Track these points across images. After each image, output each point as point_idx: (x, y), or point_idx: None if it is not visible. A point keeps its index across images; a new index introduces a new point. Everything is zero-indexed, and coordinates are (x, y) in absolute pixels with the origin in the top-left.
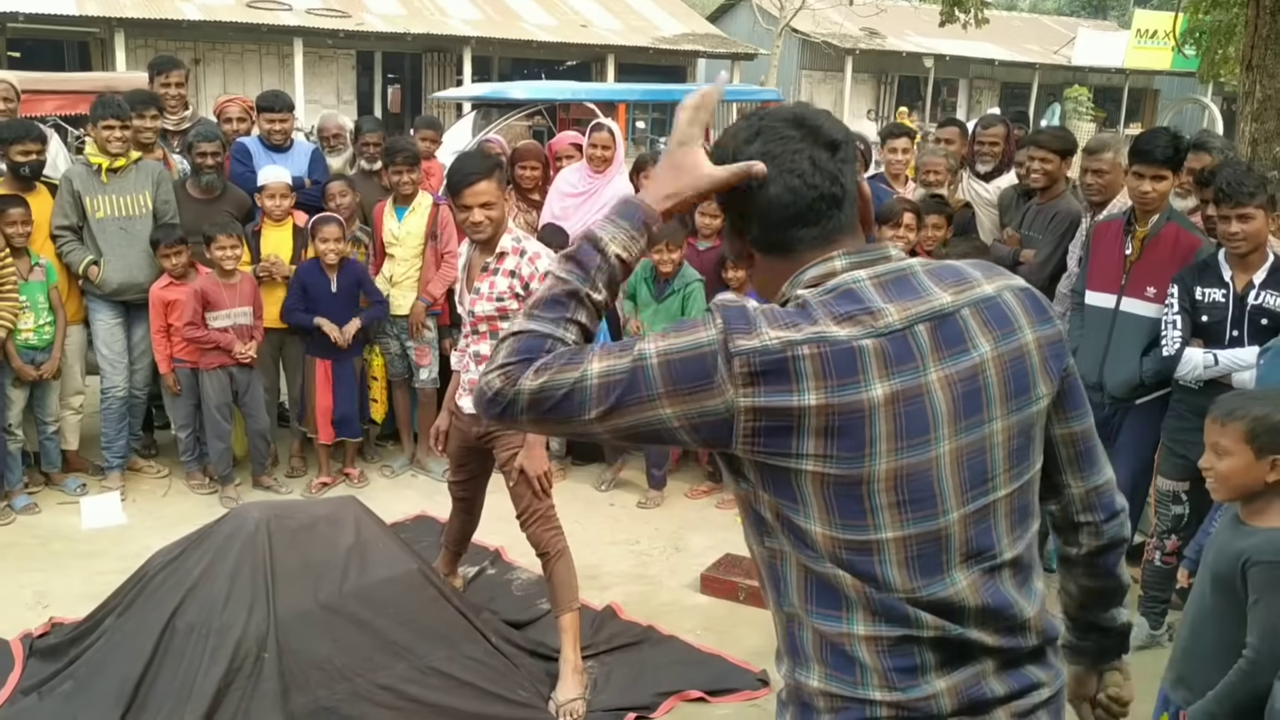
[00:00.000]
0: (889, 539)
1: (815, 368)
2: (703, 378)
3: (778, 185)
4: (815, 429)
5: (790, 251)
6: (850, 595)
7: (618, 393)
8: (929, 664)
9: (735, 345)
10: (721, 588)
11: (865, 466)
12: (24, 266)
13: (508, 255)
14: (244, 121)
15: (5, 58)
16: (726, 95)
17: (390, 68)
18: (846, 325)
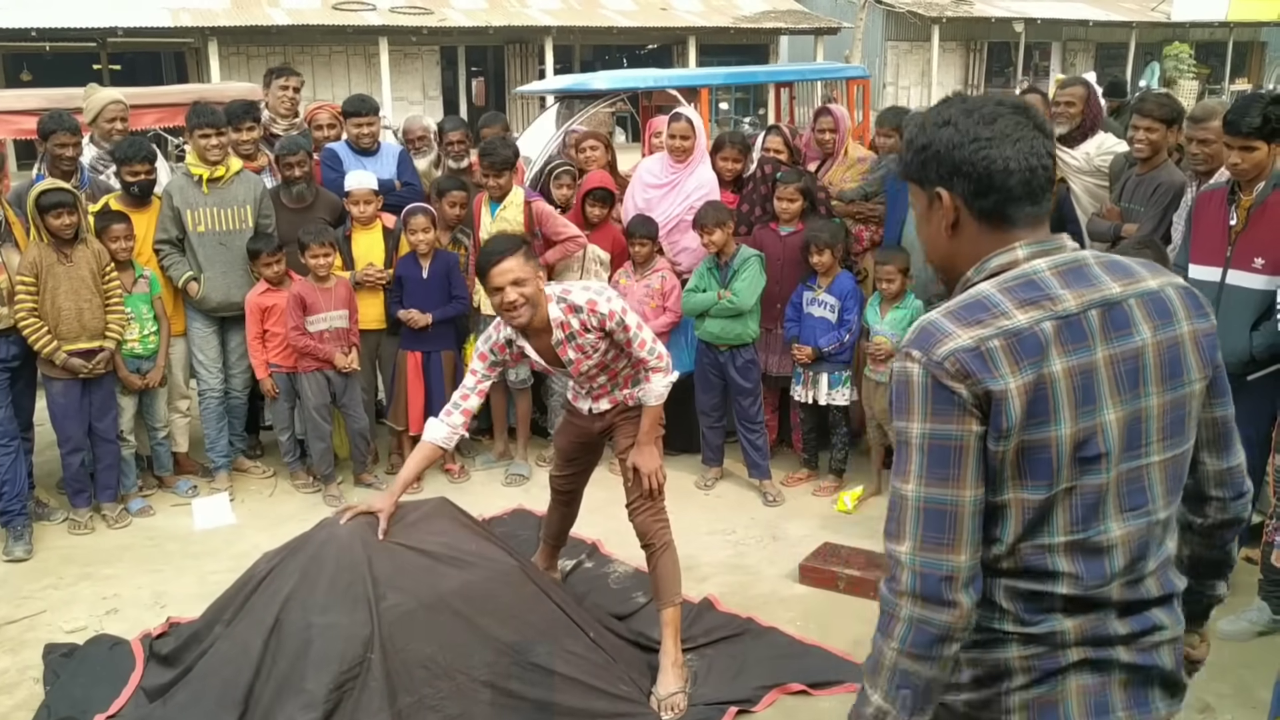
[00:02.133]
0: (1062, 490)
1: (1008, 357)
2: (949, 410)
3: (1019, 162)
4: (1014, 404)
5: (1008, 223)
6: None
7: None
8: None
9: (935, 355)
10: (821, 577)
11: (1051, 431)
12: (128, 279)
13: (568, 322)
14: (333, 127)
15: (108, 72)
16: (812, 74)
17: (473, 61)
18: (1029, 310)
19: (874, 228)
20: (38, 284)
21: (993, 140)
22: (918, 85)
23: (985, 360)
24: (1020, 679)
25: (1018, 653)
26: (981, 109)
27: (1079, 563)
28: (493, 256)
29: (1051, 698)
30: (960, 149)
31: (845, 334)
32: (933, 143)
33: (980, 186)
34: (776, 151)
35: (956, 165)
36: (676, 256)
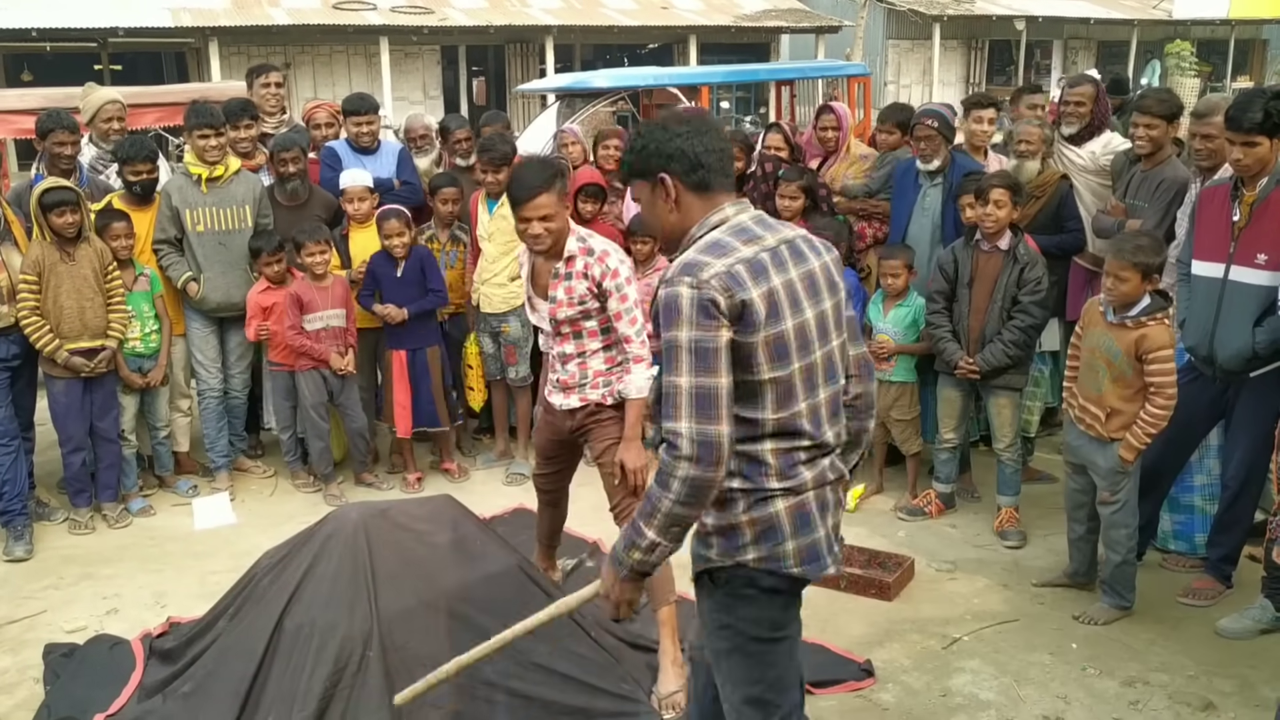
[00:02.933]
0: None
1: (749, 275)
2: (709, 321)
3: (710, 148)
4: (759, 308)
5: (712, 191)
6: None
7: (702, 375)
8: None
9: (702, 278)
10: None
11: (783, 326)
12: (129, 277)
13: (576, 257)
14: (331, 126)
15: (109, 72)
16: (812, 72)
17: (474, 60)
18: (750, 246)
19: (877, 225)
20: (40, 282)
21: (689, 135)
22: (919, 83)
23: (736, 279)
24: (787, 525)
25: (783, 505)
26: (675, 118)
27: (812, 424)
28: (526, 191)
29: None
30: (671, 142)
31: None
32: (649, 143)
33: (689, 165)
34: (777, 149)
35: (670, 154)
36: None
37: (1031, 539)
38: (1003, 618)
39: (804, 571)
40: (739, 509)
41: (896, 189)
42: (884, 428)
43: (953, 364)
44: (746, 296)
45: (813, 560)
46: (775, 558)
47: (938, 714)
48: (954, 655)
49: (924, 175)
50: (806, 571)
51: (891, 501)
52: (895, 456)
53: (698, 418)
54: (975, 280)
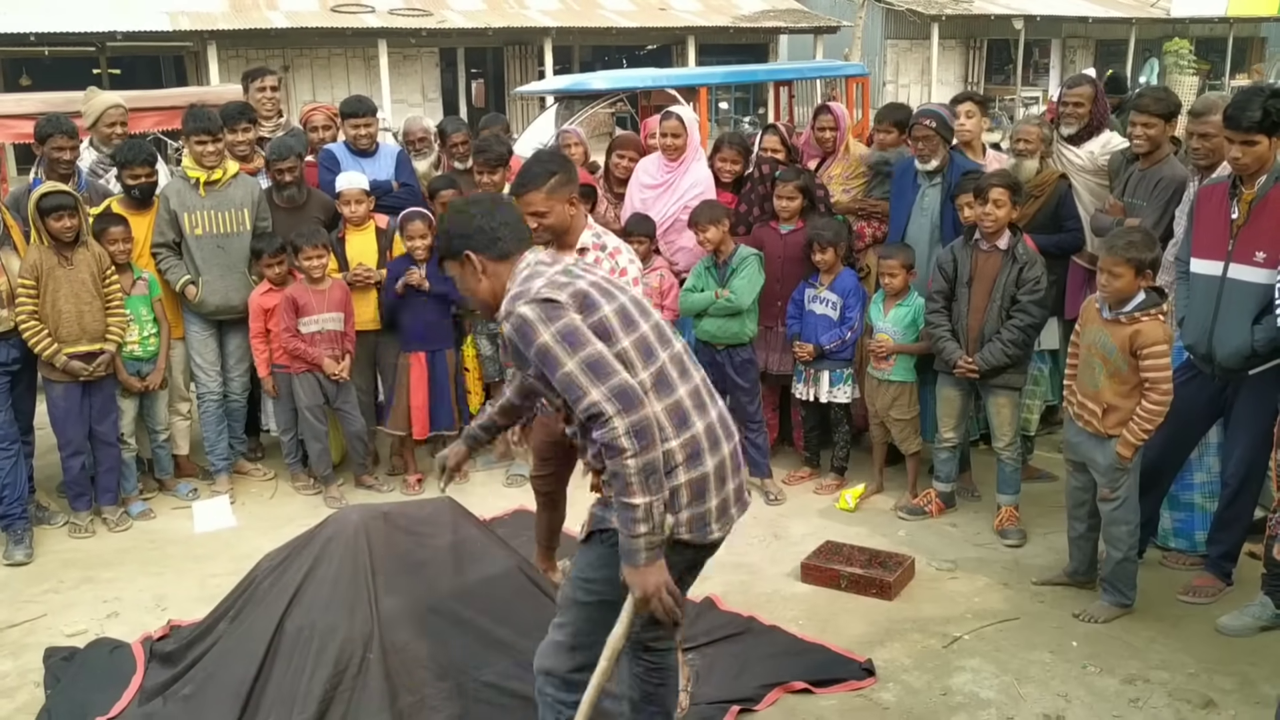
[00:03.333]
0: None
1: (565, 278)
2: (558, 312)
3: (504, 221)
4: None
5: (509, 257)
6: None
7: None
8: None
9: (533, 291)
10: (822, 576)
11: (603, 313)
12: (127, 281)
13: (589, 251)
14: (329, 128)
15: (107, 76)
16: (811, 73)
17: (473, 63)
18: (553, 267)
19: (876, 224)
20: (38, 287)
21: (483, 214)
22: (917, 83)
23: (557, 284)
24: (685, 496)
25: (684, 477)
26: (471, 200)
27: (681, 378)
28: (517, 187)
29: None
30: (469, 223)
31: (847, 331)
32: (451, 226)
33: (487, 239)
34: (774, 151)
35: (469, 234)
36: (674, 256)
37: (1032, 537)
38: (1003, 616)
39: (692, 537)
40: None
41: (895, 189)
42: (884, 427)
43: (952, 363)
44: (581, 285)
45: (701, 528)
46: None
47: (938, 713)
48: (954, 654)
49: (922, 175)
50: (694, 538)
51: (891, 501)
52: (895, 456)
53: (600, 379)
54: (974, 279)
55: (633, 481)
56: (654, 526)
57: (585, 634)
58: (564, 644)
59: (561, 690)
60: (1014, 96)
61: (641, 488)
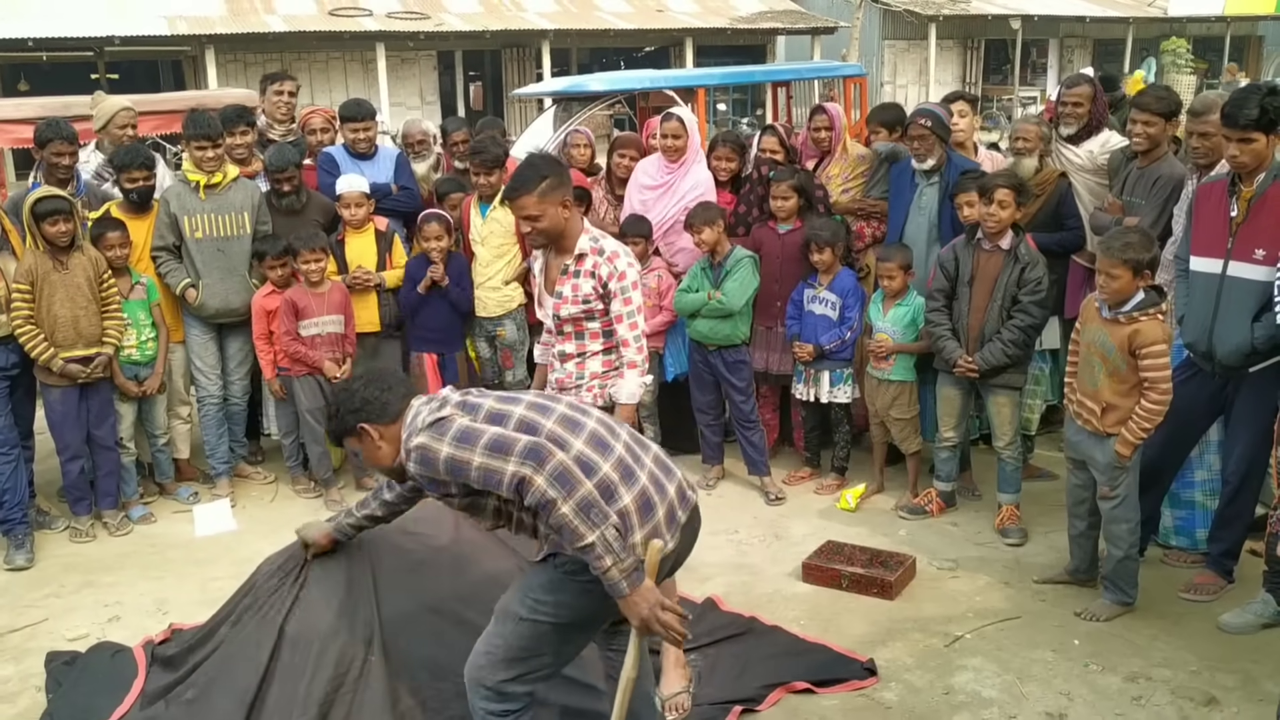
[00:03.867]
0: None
1: (459, 408)
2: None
3: (387, 385)
4: None
5: (399, 417)
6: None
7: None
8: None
9: (437, 418)
10: (824, 576)
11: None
12: (125, 285)
13: (587, 256)
14: (327, 132)
15: (105, 81)
16: (808, 73)
17: (470, 65)
18: (438, 399)
19: (875, 224)
20: (34, 291)
21: (366, 386)
22: (915, 84)
23: (436, 404)
24: (635, 517)
25: (629, 499)
26: (355, 378)
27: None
28: (509, 191)
29: None
30: (355, 398)
31: (846, 332)
32: (340, 407)
33: (377, 408)
34: (772, 152)
35: (358, 408)
36: (673, 257)
37: (1033, 536)
38: (1005, 615)
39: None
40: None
41: (893, 189)
42: (884, 427)
43: (952, 362)
44: (450, 405)
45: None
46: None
47: (941, 712)
48: (956, 653)
49: (920, 174)
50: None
51: (892, 500)
52: (895, 456)
53: (507, 453)
54: (975, 279)
55: (575, 524)
56: (617, 554)
57: (526, 650)
58: (498, 657)
59: (494, 701)
60: (1012, 96)
61: (586, 525)
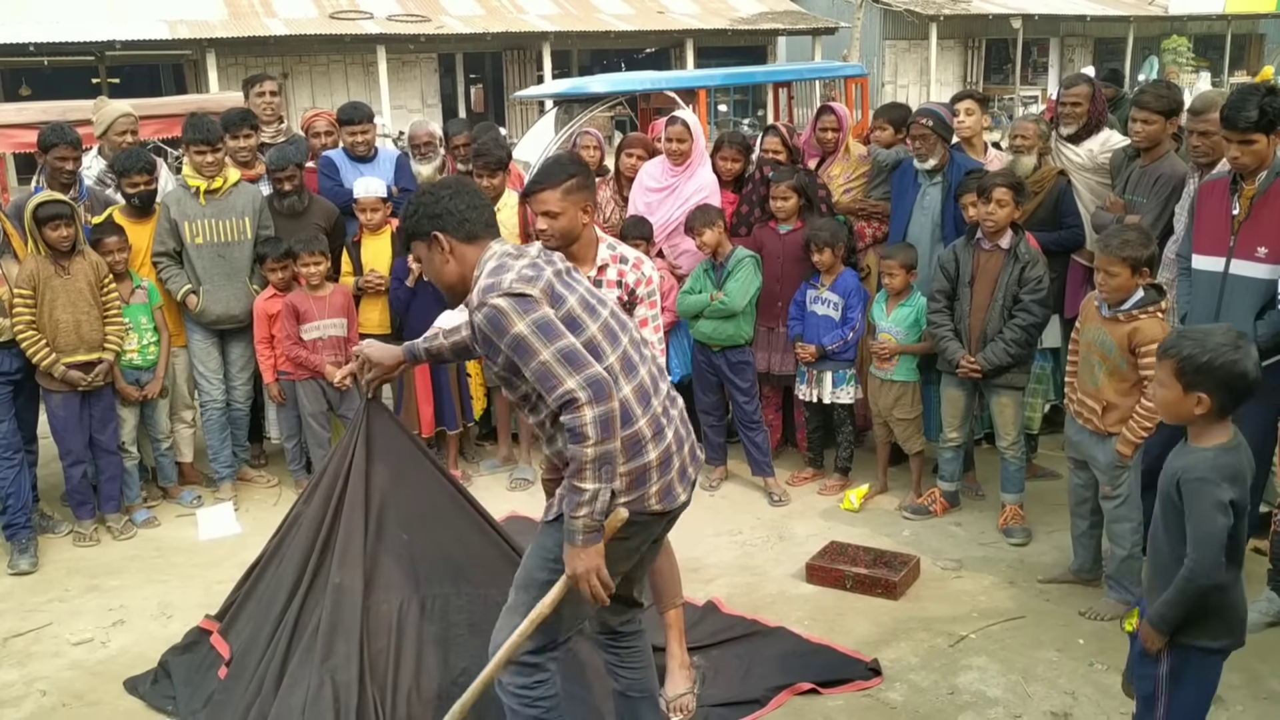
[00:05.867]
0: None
1: (532, 271)
2: (532, 305)
3: (471, 205)
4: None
5: (477, 239)
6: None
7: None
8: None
9: (504, 285)
10: (828, 576)
11: (570, 303)
12: (125, 290)
13: (609, 266)
14: (330, 134)
15: (106, 85)
16: (809, 74)
17: (471, 68)
18: (520, 259)
19: (876, 225)
20: (35, 296)
21: (451, 196)
22: (916, 84)
23: (526, 278)
24: (655, 472)
25: (654, 454)
26: (439, 183)
27: (641, 361)
28: (533, 185)
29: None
30: (438, 204)
31: (849, 332)
32: (419, 208)
33: (457, 221)
34: (775, 152)
35: (439, 215)
36: (677, 260)
37: (1036, 536)
38: (1009, 615)
39: (663, 506)
40: (619, 462)
41: (896, 189)
42: (887, 427)
43: (954, 363)
44: (543, 282)
45: (668, 495)
46: (641, 499)
47: (946, 712)
48: (961, 653)
49: (922, 174)
50: (664, 505)
51: (896, 501)
52: (898, 456)
53: (575, 369)
54: (976, 279)
55: (587, 468)
56: (594, 512)
57: (559, 619)
58: (524, 629)
59: (522, 675)
60: (1013, 95)
61: (594, 475)
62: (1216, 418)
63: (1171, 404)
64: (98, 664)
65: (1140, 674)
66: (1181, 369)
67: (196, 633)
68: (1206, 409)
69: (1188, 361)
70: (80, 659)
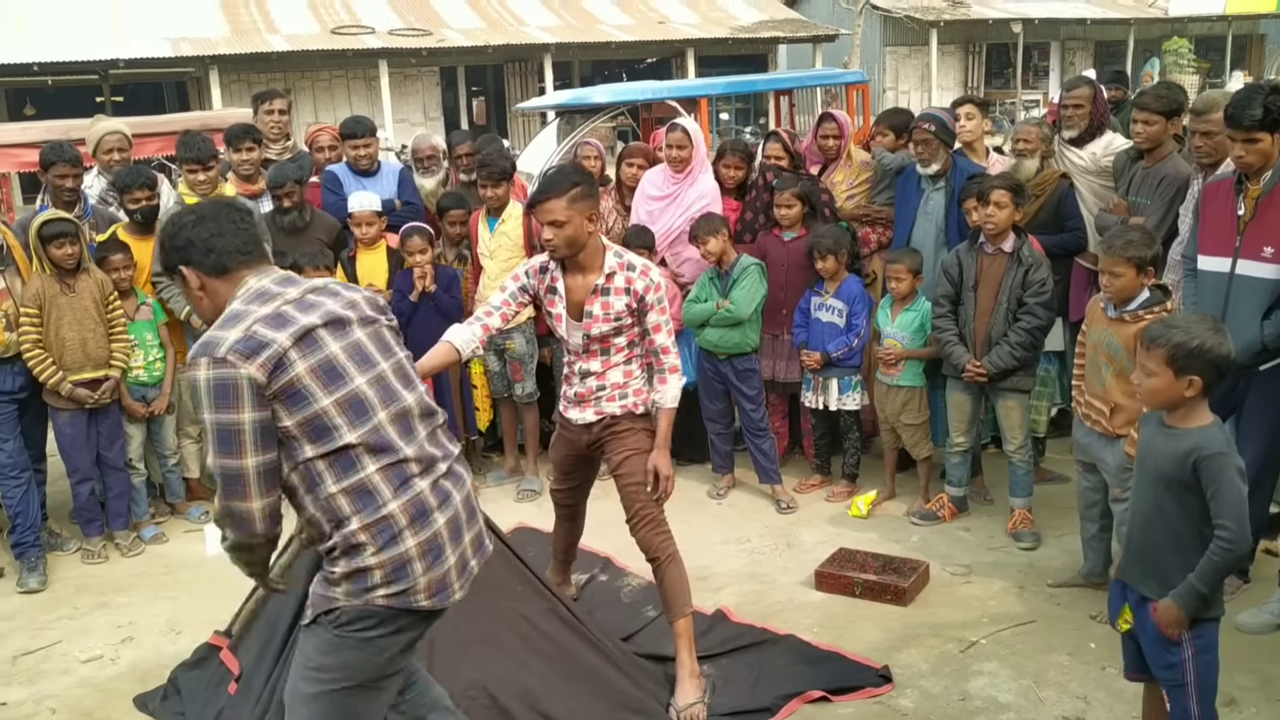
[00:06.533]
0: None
1: (270, 327)
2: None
3: (218, 231)
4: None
5: (228, 271)
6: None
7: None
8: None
9: (221, 351)
10: (836, 583)
11: (328, 351)
12: (130, 307)
13: (616, 273)
14: (334, 149)
15: (110, 104)
16: (811, 81)
17: (473, 80)
18: (270, 304)
19: (881, 230)
20: (41, 314)
21: (195, 224)
22: (918, 89)
23: (252, 341)
24: (419, 563)
25: (413, 542)
26: (186, 210)
27: (401, 434)
28: (539, 194)
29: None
30: (181, 234)
31: (854, 339)
32: (165, 239)
33: (201, 251)
34: (777, 158)
35: (181, 246)
36: (680, 268)
37: (1046, 540)
38: (1020, 619)
39: (433, 603)
40: (368, 552)
41: (899, 194)
42: (894, 432)
43: (960, 367)
44: (268, 354)
45: (441, 591)
46: (407, 593)
47: (957, 718)
48: (972, 658)
49: (925, 179)
50: (435, 603)
51: (904, 506)
52: (906, 461)
53: (224, 492)
54: (980, 283)
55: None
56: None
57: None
58: None
59: None
60: (1015, 100)
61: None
62: (1202, 399)
63: (1162, 390)
64: (107, 681)
65: (1165, 663)
66: (1173, 355)
67: (206, 649)
68: (1197, 390)
69: (1179, 348)
70: (90, 676)
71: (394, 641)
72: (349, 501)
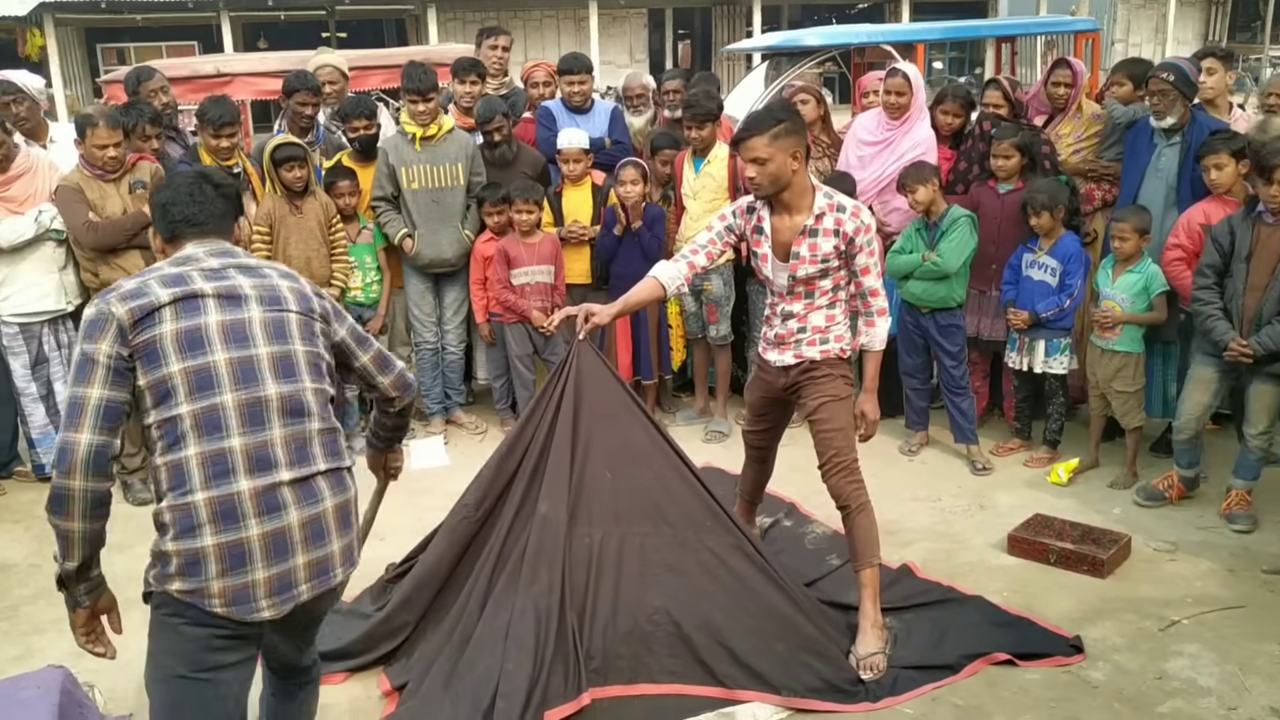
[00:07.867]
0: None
1: (161, 283)
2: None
3: (174, 200)
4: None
5: (180, 238)
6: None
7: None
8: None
9: (110, 293)
10: (1030, 549)
11: (200, 320)
12: (353, 230)
13: (826, 214)
14: (549, 85)
15: (335, 38)
16: (1037, 28)
17: (680, 23)
18: (180, 266)
19: (1106, 188)
20: (271, 233)
21: (165, 187)
22: (1151, 42)
23: (141, 290)
24: (214, 564)
25: (211, 540)
26: (169, 181)
27: (246, 428)
28: (741, 132)
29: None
30: (157, 196)
31: (1066, 299)
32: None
33: (160, 215)
34: (996, 106)
35: (154, 208)
36: (887, 217)
37: (1263, 524)
38: (1227, 603)
39: (229, 612)
40: (167, 536)
41: (1129, 149)
42: (1104, 399)
43: (1223, 345)
44: (146, 298)
45: (241, 602)
46: (199, 593)
47: (1152, 697)
48: (1171, 638)
49: (1159, 134)
50: (232, 612)
51: (1107, 477)
52: (1111, 430)
53: (66, 423)
54: (1254, 255)
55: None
56: (61, 570)
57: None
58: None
59: None
60: (1261, 56)
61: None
62: None
63: None
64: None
65: None
66: None
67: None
68: None
69: None
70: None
71: (201, 633)
72: (166, 477)
